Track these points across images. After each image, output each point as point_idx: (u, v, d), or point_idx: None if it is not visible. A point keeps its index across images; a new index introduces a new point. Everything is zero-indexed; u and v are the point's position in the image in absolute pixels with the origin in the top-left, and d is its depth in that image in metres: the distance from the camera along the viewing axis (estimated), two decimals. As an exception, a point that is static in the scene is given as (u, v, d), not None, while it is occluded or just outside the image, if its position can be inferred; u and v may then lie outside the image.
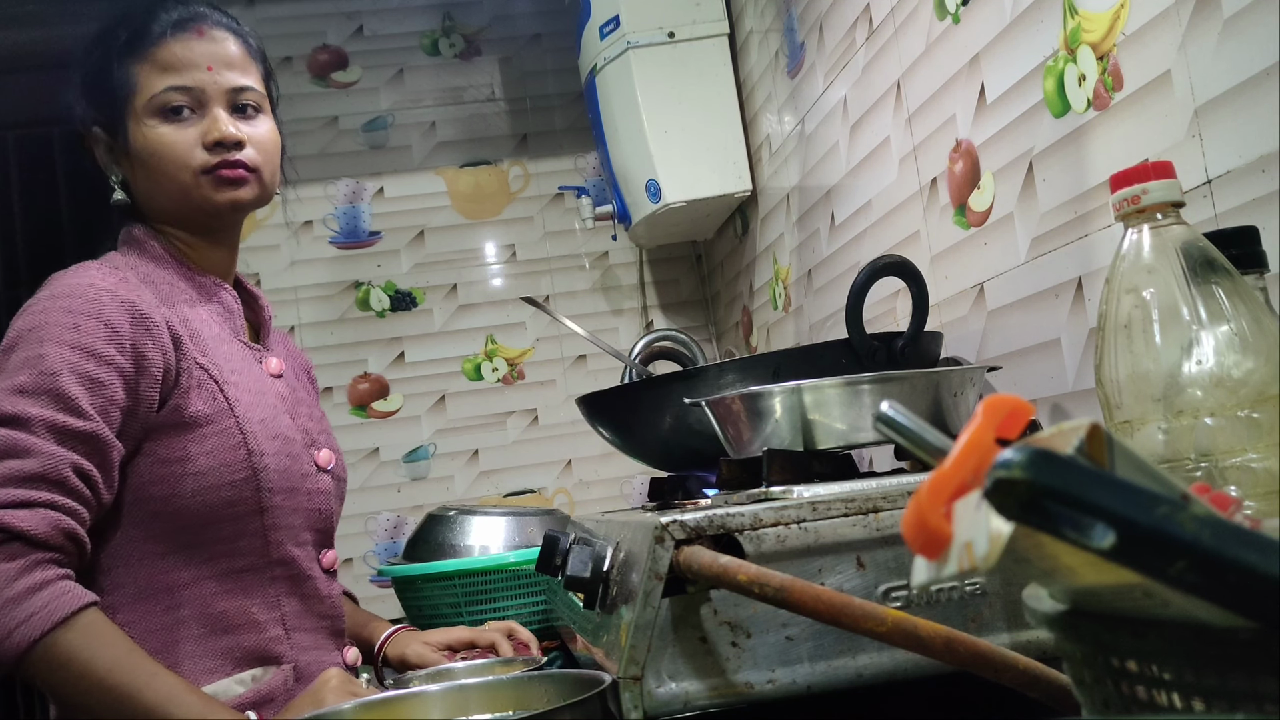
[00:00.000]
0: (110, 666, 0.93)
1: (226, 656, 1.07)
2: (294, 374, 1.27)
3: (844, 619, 0.57)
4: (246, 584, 1.09)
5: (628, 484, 2.62)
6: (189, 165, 1.10)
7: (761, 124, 2.14)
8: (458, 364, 2.63)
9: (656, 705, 0.67)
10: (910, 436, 0.45)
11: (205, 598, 1.07)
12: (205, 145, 1.10)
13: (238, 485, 1.07)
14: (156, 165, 1.11)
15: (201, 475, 1.05)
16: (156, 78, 1.10)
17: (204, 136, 1.11)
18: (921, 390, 0.91)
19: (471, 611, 1.35)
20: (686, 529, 0.69)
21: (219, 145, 1.11)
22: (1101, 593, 0.35)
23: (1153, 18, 0.94)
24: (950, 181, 1.34)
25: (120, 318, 1.03)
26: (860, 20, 1.59)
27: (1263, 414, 0.59)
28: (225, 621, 1.07)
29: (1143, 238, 0.65)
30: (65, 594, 0.94)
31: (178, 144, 1.10)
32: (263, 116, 1.17)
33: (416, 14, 2.75)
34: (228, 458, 1.07)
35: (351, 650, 1.21)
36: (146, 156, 1.11)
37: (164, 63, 1.11)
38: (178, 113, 1.10)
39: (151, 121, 1.10)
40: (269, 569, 1.11)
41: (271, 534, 1.10)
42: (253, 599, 1.09)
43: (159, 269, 1.14)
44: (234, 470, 1.07)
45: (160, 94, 1.10)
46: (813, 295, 1.92)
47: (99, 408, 1.00)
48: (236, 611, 1.08)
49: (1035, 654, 0.57)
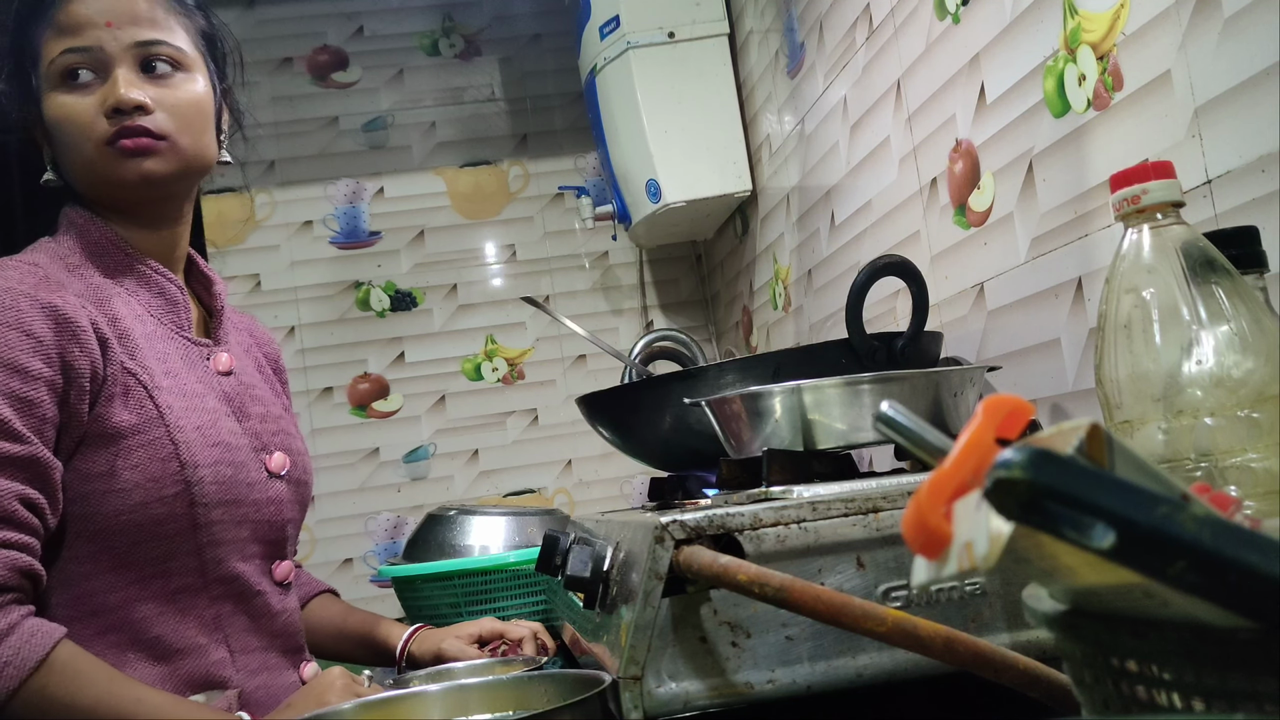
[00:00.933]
0: (93, 703, 0.88)
1: (168, 682, 0.99)
2: (252, 368, 1.18)
3: (844, 619, 0.57)
4: (184, 605, 1.01)
5: (628, 484, 2.62)
6: (90, 137, 0.99)
7: (761, 124, 2.14)
8: (458, 364, 2.63)
9: (656, 705, 0.67)
10: (910, 436, 0.45)
11: (142, 621, 0.99)
12: (105, 113, 0.99)
13: (168, 501, 0.97)
14: (62, 138, 1.01)
15: (127, 492, 0.96)
16: (55, 41, 1.00)
17: (105, 103, 0.99)
18: (921, 390, 0.91)
19: (471, 612, 1.35)
20: (686, 529, 0.69)
21: (117, 112, 0.99)
22: (1101, 593, 0.35)
23: (1153, 18, 0.94)
24: (950, 181, 1.34)
25: (43, 325, 0.93)
26: (860, 20, 1.59)
27: (1263, 414, 0.59)
28: (164, 645, 0.99)
29: (1143, 238, 0.65)
30: (33, 636, 0.88)
31: (78, 113, 0.99)
32: (181, 74, 1.04)
33: (416, 14, 2.75)
34: (156, 471, 0.97)
35: (310, 665, 1.13)
36: (54, 130, 1.01)
37: (62, 24, 0.99)
38: (74, 77, 0.99)
39: (54, 91, 1.00)
40: (208, 589, 1.02)
41: (209, 551, 1.01)
42: (191, 621, 1.01)
43: (94, 256, 1.04)
44: (163, 485, 0.97)
45: (58, 58, 0.99)
46: (813, 295, 1.92)
47: (33, 428, 0.92)
48: (175, 635, 1.00)
49: (1035, 654, 0.57)
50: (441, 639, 1.19)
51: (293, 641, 1.11)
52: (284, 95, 2.67)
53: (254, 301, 2.58)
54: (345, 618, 1.27)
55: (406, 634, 1.22)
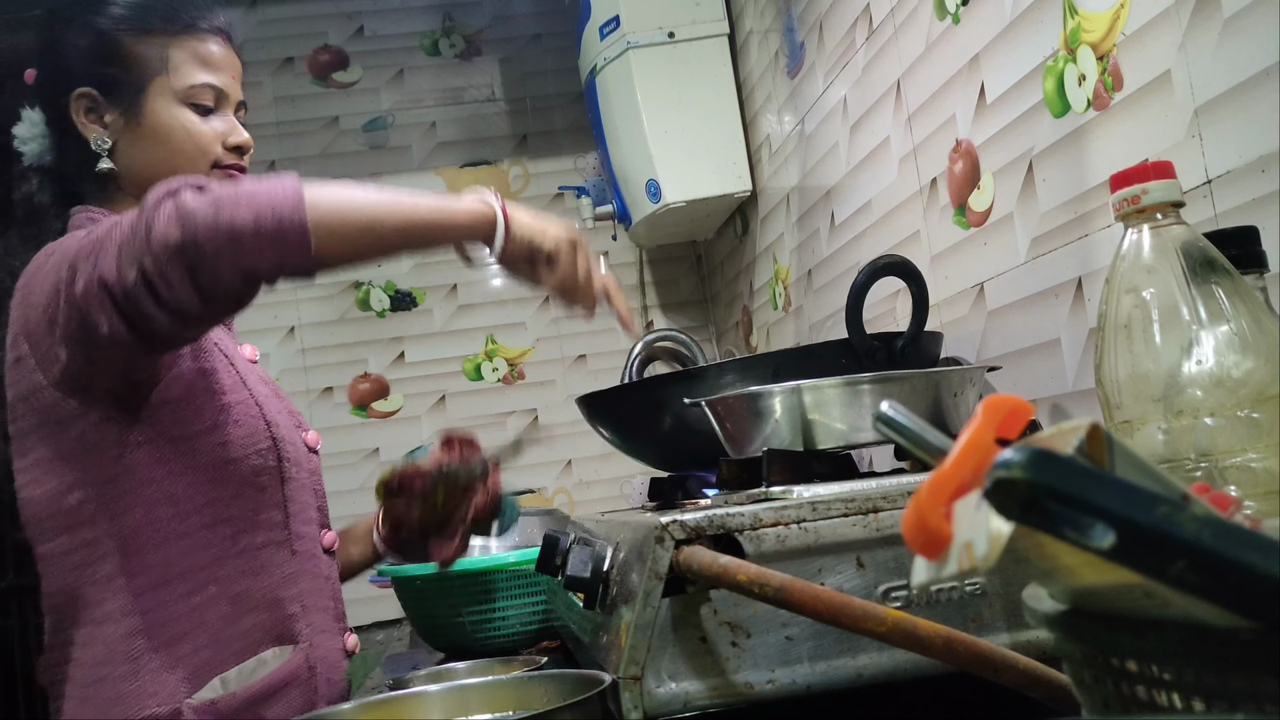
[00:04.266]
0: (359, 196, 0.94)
1: (250, 636, 1.06)
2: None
3: (844, 619, 0.57)
4: (266, 561, 1.09)
5: (628, 484, 2.62)
6: (207, 156, 1.13)
7: (761, 124, 2.14)
8: (458, 364, 2.63)
9: (656, 705, 0.67)
10: (910, 436, 0.45)
11: (229, 576, 1.06)
12: (226, 145, 1.15)
13: (263, 454, 1.09)
14: (174, 146, 1.13)
15: (231, 444, 1.06)
16: (193, 68, 1.13)
17: (226, 137, 1.15)
18: (921, 390, 0.91)
19: (471, 611, 1.35)
20: (686, 529, 0.69)
21: (238, 149, 1.16)
22: (1101, 593, 0.35)
23: (1153, 18, 0.94)
24: (950, 181, 1.34)
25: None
26: (860, 20, 1.59)
27: (1263, 414, 0.59)
28: (249, 600, 1.07)
29: (1143, 238, 0.65)
30: (275, 177, 0.92)
31: (203, 134, 1.13)
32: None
33: (416, 14, 2.75)
34: (252, 426, 1.09)
35: (352, 637, 1.21)
36: (165, 135, 1.12)
37: (202, 57, 1.14)
38: (202, 107, 1.14)
39: (178, 106, 1.13)
40: (287, 545, 1.11)
41: (290, 505, 1.11)
42: (272, 577, 1.09)
43: None
44: (258, 439, 1.09)
45: (197, 86, 1.13)
46: (813, 295, 1.92)
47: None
48: (259, 590, 1.08)
49: (1035, 654, 0.57)
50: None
51: (340, 608, 1.19)
52: (285, 95, 2.67)
53: (254, 301, 2.57)
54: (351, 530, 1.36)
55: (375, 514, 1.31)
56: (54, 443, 1.03)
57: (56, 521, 1.03)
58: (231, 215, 0.87)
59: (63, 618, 1.05)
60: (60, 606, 1.05)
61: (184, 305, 0.89)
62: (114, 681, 1.00)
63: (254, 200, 0.88)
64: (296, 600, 1.10)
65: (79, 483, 1.02)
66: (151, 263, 0.87)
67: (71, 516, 1.02)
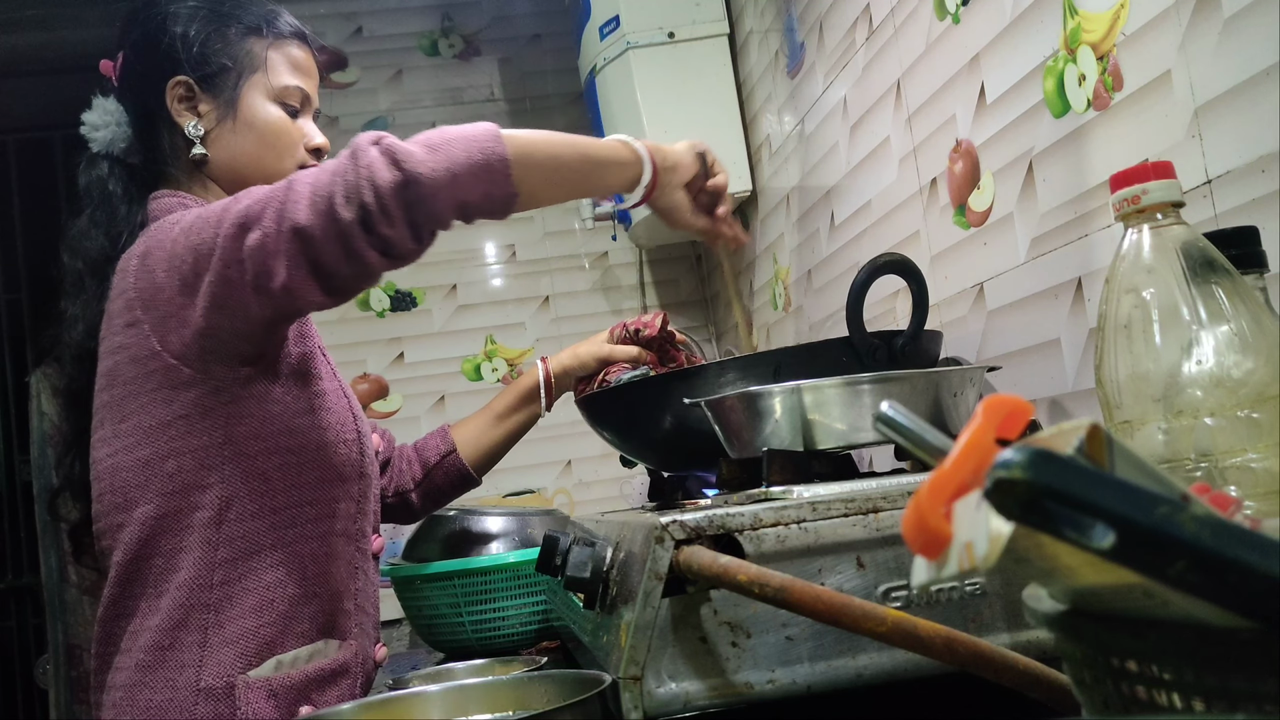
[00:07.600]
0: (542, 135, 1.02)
1: (313, 621, 1.08)
2: None
3: (844, 619, 0.57)
4: (336, 550, 1.11)
5: (628, 484, 2.62)
6: (292, 155, 1.20)
7: (761, 124, 2.14)
8: (457, 364, 2.63)
9: (656, 705, 0.67)
10: (910, 436, 0.45)
11: (304, 559, 1.08)
12: (308, 147, 1.22)
13: (349, 444, 1.12)
14: (269, 140, 1.19)
15: (325, 430, 1.10)
16: (286, 70, 1.21)
17: (308, 139, 1.22)
18: (921, 390, 0.91)
19: (471, 611, 1.35)
20: (686, 529, 0.69)
21: (317, 152, 1.23)
22: (1101, 593, 0.35)
23: (1153, 18, 0.94)
24: (950, 181, 1.34)
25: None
26: (860, 20, 1.59)
27: (1263, 414, 0.59)
28: (316, 586, 1.09)
29: (1143, 238, 0.65)
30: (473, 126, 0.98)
31: (292, 133, 1.21)
32: None
33: (415, 15, 2.75)
34: (342, 416, 1.12)
35: (383, 649, 1.23)
36: (260, 129, 1.18)
37: (295, 62, 1.22)
38: (291, 109, 1.21)
39: (271, 104, 1.19)
40: (355, 539, 1.14)
41: (363, 501, 1.14)
42: (340, 568, 1.11)
43: None
44: (346, 429, 1.12)
45: (290, 87, 1.20)
46: (813, 295, 1.92)
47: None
48: (328, 578, 1.10)
49: (1035, 654, 0.57)
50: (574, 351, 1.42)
51: (378, 617, 1.22)
52: (284, 95, 2.67)
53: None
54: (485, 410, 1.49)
55: (540, 370, 1.43)
56: (159, 409, 1.04)
57: (148, 488, 1.04)
58: (446, 152, 0.94)
59: (129, 586, 1.05)
60: (129, 577, 1.05)
61: (396, 242, 0.95)
62: (176, 649, 1.02)
63: (462, 137, 0.96)
64: (353, 597, 1.13)
65: (178, 451, 1.03)
66: (374, 199, 0.92)
67: (166, 483, 1.03)
